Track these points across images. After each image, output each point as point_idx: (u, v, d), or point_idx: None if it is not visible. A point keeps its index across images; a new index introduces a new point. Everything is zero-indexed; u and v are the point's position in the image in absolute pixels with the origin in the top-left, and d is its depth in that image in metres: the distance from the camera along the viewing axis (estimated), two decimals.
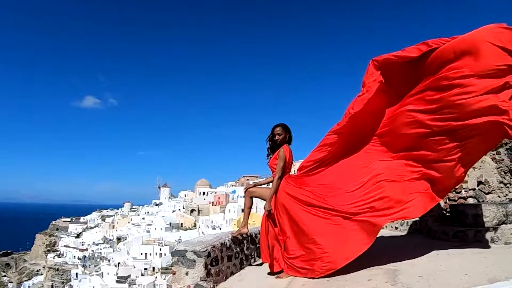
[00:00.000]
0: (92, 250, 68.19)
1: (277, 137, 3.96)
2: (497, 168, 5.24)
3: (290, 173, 4.05)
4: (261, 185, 4.35)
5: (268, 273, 3.92)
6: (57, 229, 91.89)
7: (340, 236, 3.65)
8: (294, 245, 3.80)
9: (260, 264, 4.34)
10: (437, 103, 3.67)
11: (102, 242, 72.69)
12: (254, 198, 4.21)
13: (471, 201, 5.18)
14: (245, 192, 4.17)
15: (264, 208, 3.80)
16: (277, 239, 3.84)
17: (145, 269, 55.10)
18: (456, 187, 5.27)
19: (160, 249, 58.83)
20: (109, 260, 59.52)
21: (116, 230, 76.29)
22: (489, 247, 4.11)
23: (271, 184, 4.10)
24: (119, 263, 56.87)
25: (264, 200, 4.00)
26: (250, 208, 4.20)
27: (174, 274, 3.60)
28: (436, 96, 3.68)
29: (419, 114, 3.80)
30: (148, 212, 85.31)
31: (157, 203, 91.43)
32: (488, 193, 5.22)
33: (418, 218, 5.69)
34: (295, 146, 4.08)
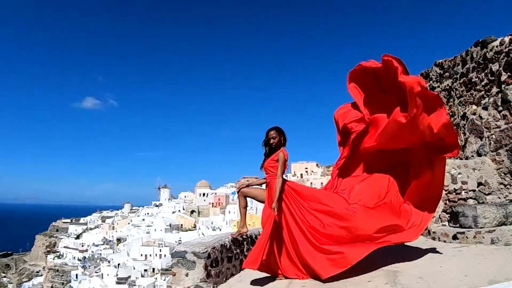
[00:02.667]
0: (92, 251, 68.13)
1: (272, 140, 3.98)
2: (497, 169, 5.24)
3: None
4: (254, 185, 4.33)
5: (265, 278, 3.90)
6: (57, 230, 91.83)
7: (324, 252, 3.65)
8: (288, 250, 3.82)
9: None
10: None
11: (102, 243, 72.62)
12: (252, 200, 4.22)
13: (471, 202, 5.18)
14: (238, 192, 4.18)
15: (272, 208, 3.77)
16: (280, 242, 3.83)
17: (145, 270, 55.06)
18: (456, 188, 5.28)
19: (160, 250, 58.80)
20: (109, 261, 59.50)
21: (116, 231, 76.25)
22: (489, 248, 4.11)
23: (264, 185, 4.12)
24: (119, 264, 56.83)
25: (259, 201, 4.05)
26: (246, 207, 4.21)
27: (174, 275, 3.60)
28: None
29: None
30: (148, 213, 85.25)
31: (157, 204, 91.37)
32: (488, 194, 5.22)
33: None
34: (289, 147, 4.11)
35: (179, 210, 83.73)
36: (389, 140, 3.87)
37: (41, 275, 71.40)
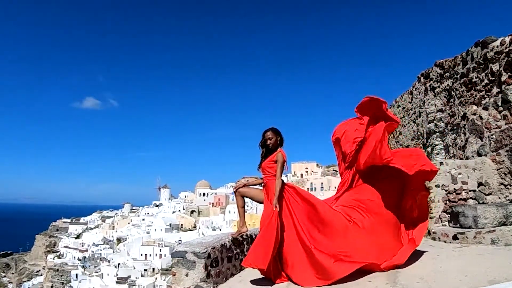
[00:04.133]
0: (92, 251, 68.16)
1: (268, 141, 3.98)
2: (497, 170, 5.24)
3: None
4: (251, 185, 4.31)
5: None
6: (57, 230, 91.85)
7: (312, 259, 3.63)
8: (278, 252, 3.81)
9: None
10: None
11: (102, 243, 72.67)
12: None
13: (471, 202, 5.18)
14: (235, 192, 4.17)
15: (274, 205, 3.75)
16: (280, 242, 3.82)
17: (145, 270, 55.13)
18: (457, 188, 5.27)
19: (160, 250, 58.86)
20: (109, 261, 59.55)
21: (116, 231, 76.28)
22: (489, 248, 4.11)
23: (261, 186, 4.12)
24: (119, 264, 56.88)
25: (256, 201, 4.08)
26: (244, 207, 4.22)
27: (174, 275, 3.60)
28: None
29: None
30: (148, 213, 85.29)
31: (157, 204, 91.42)
32: (488, 194, 5.22)
33: None
34: (289, 147, 4.10)
35: (179, 210, 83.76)
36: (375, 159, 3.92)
37: (41, 275, 71.43)
